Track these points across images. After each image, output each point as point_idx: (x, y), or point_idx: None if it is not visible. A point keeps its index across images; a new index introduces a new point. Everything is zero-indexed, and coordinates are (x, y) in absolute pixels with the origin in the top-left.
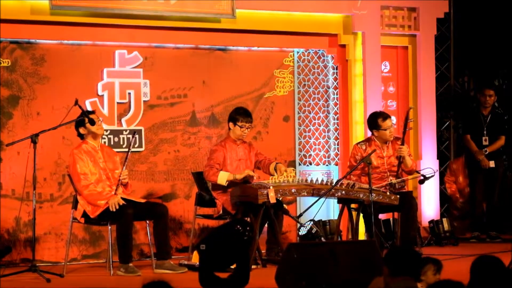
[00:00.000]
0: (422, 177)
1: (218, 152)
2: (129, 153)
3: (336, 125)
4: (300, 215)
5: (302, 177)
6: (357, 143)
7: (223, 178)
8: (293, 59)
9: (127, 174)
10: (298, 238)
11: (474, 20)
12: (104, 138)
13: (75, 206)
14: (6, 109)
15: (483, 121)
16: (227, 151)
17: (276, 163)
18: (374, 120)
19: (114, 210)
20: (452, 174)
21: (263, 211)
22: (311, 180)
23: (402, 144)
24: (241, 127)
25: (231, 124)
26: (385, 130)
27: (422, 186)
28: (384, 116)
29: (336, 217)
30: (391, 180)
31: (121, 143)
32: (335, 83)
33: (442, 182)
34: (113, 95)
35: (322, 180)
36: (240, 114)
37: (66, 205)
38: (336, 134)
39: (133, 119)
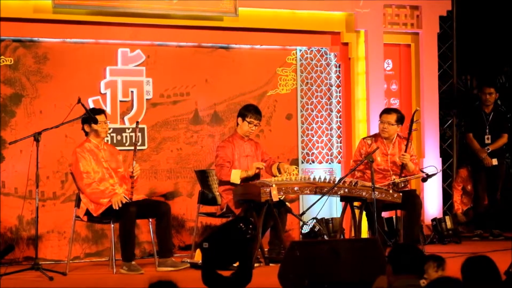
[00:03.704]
0: (425, 175)
1: (226, 149)
2: (136, 144)
3: (338, 123)
4: (303, 213)
5: (305, 175)
6: (364, 138)
7: (236, 176)
8: (296, 57)
9: (139, 167)
10: (301, 236)
11: (477, 18)
12: (107, 137)
13: (78, 205)
14: (9, 107)
15: (485, 119)
16: (235, 147)
17: (279, 163)
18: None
19: (117, 208)
20: (461, 181)
21: (266, 209)
22: (314, 178)
23: (406, 148)
24: (249, 123)
25: (239, 119)
26: (381, 123)
27: (425, 184)
28: (386, 110)
29: (339, 215)
30: (394, 179)
31: (124, 141)
32: (337, 81)
33: (445, 180)
34: (115, 93)
35: (325, 178)
36: (249, 111)
37: (69, 203)
38: (338, 132)
39: (135, 117)
